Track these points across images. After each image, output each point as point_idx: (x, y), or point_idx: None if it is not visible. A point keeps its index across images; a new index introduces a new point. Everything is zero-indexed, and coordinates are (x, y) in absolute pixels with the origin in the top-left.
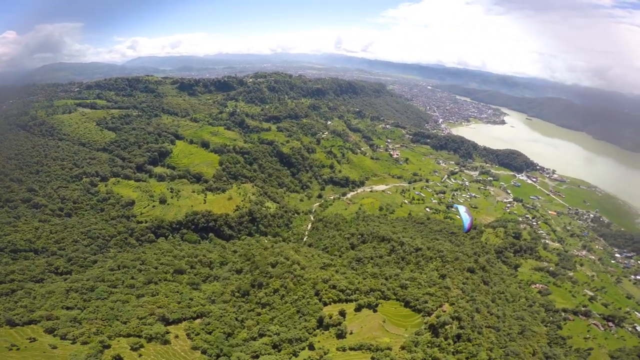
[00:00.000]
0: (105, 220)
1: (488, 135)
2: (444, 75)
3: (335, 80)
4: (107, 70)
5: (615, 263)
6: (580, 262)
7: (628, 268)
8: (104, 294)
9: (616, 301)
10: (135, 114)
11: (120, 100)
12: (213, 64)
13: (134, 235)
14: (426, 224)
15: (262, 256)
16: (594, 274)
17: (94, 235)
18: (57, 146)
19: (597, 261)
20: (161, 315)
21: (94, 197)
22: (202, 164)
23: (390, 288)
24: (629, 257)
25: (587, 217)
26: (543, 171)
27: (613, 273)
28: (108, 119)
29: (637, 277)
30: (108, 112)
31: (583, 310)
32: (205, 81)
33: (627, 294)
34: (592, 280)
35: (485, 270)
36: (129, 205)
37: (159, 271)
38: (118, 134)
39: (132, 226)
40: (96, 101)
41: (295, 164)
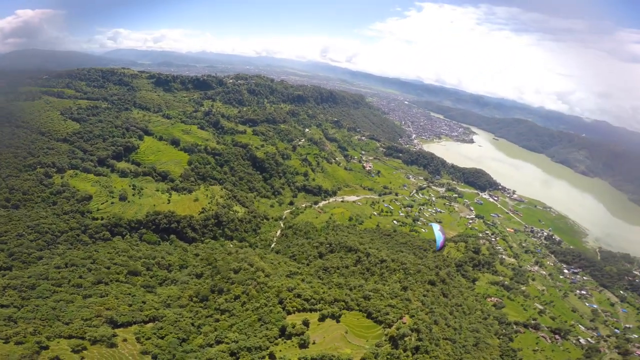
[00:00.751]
0: (57, 214)
1: (457, 153)
2: (422, 91)
3: (317, 88)
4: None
5: (563, 278)
6: (532, 277)
7: (574, 283)
8: (46, 293)
9: (563, 314)
10: (104, 105)
11: (91, 92)
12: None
13: (87, 232)
14: (392, 236)
15: (224, 261)
16: (544, 288)
17: (42, 230)
18: (13, 133)
19: (548, 276)
20: (109, 317)
21: (46, 189)
22: (170, 162)
23: (354, 299)
24: (575, 273)
25: (541, 235)
26: (504, 191)
27: (561, 288)
28: (74, 109)
29: (582, 292)
30: (75, 102)
31: (533, 323)
32: (183, 78)
33: (572, 308)
34: (542, 294)
35: (445, 283)
36: (85, 200)
37: (111, 271)
38: (82, 126)
39: (86, 222)
40: (64, 90)
41: (268, 169)
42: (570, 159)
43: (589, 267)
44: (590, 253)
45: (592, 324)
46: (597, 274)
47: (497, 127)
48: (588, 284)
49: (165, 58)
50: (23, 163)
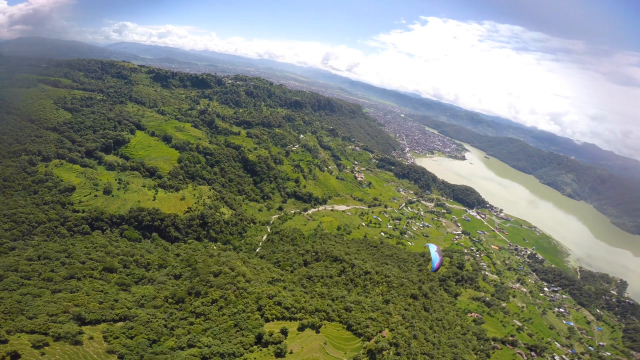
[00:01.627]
0: (37, 204)
1: (448, 170)
2: (419, 105)
3: (314, 94)
4: (85, 51)
5: (543, 296)
6: (513, 294)
7: (553, 301)
8: (13, 285)
9: (540, 332)
10: (99, 97)
11: (88, 83)
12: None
13: (66, 224)
14: (379, 248)
15: (205, 263)
16: (524, 305)
17: (18, 220)
18: (2, 119)
19: (528, 294)
20: (76, 314)
21: (29, 177)
22: (160, 159)
23: (336, 310)
24: (555, 291)
25: (525, 253)
26: (492, 209)
27: (540, 305)
28: (68, 99)
29: (560, 309)
30: (70, 92)
31: (510, 340)
32: (182, 75)
33: (550, 325)
34: (522, 311)
35: (428, 297)
36: (67, 191)
37: (86, 267)
38: (74, 116)
39: (66, 214)
40: (61, 79)
41: (259, 173)
42: (557, 182)
43: (569, 285)
44: (570, 272)
45: (567, 341)
46: (576, 292)
47: (489, 145)
48: (567, 302)
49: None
50: (8, 149)
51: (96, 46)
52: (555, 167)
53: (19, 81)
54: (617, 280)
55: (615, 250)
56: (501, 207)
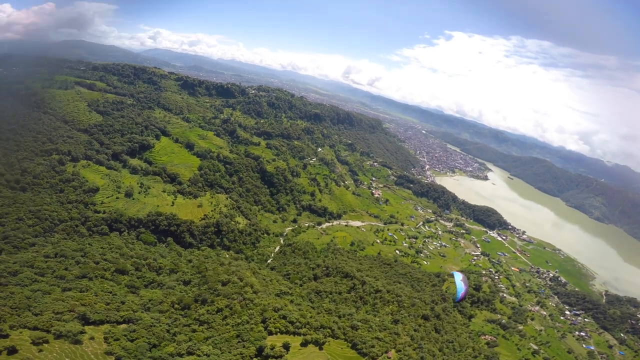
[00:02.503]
0: (61, 202)
1: (469, 189)
2: (441, 121)
3: (334, 108)
4: (121, 56)
5: (563, 319)
6: (531, 317)
7: (574, 325)
8: (26, 281)
9: (557, 355)
10: (130, 102)
11: (120, 87)
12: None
13: (86, 224)
14: (392, 266)
15: (214, 271)
16: (542, 328)
17: (42, 216)
18: (39, 119)
19: (548, 317)
20: (81, 313)
21: (57, 176)
22: (181, 165)
23: (341, 327)
24: (577, 314)
25: (547, 276)
26: (514, 231)
27: (560, 328)
28: (101, 102)
29: (581, 333)
30: (103, 95)
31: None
32: (209, 84)
33: (568, 349)
34: (540, 334)
35: (440, 318)
36: (91, 191)
37: (99, 267)
38: (105, 119)
39: (87, 214)
40: (96, 83)
41: (276, 184)
42: (585, 205)
43: (592, 309)
44: (595, 296)
45: None
46: (600, 316)
47: (513, 165)
48: (588, 326)
49: (197, 62)
50: (41, 148)
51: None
52: (584, 189)
53: (58, 82)
54: None
55: None
56: (524, 229)
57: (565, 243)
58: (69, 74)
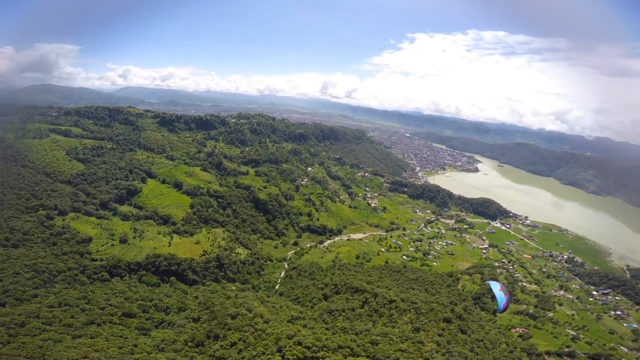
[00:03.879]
0: (56, 254)
1: (463, 183)
2: (422, 122)
3: (317, 125)
4: (93, 97)
5: (593, 300)
6: (559, 302)
7: (606, 304)
8: (35, 331)
9: (600, 338)
10: (109, 146)
11: (97, 130)
12: (200, 101)
13: (85, 272)
14: (402, 272)
15: (222, 306)
16: (573, 312)
17: (39, 269)
18: (19, 173)
19: (576, 300)
20: (96, 359)
21: (47, 231)
22: (172, 206)
23: (361, 344)
24: (605, 294)
25: (561, 258)
26: (516, 218)
27: (592, 310)
28: (79, 149)
29: (617, 312)
30: (81, 141)
31: (567, 351)
32: (187, 118)
33: (609, 330)
34: (573, 319)
35: (463, 318)
36: (85, 242)
37: (105, 312)
38: (87, 167)
39: (85, 263)
40: (71, 129)
41: (271, 211)
42: (579, 180)
43: (620, 286)
44: (618, 272)
45: (635, 344)
46: (630, 292)
47: (500, 153)
48: (622, 304)
49: (172, 97)
50: (26, 205)
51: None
52: (573, 165)
53: (31, 132)
54: None
55: None
56: (525, 214)
57: (570, 222)
58: (42, 121)
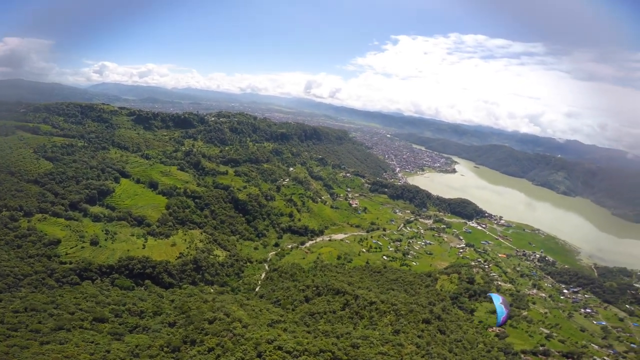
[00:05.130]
0: (21, 257)
1: (441, 184)
2: (403, 123)
3: (300, 125)
4: (67, 94)
5: (564, 299)
6: (532, 301)
7: (577, 302)
8: None
9: (572, 336)
10: (81, 144)
11: (68, 128)
12: (180, 98)
13: (53, 276)
14: (382, 273)
15: (199, 310)
16: (546, 310)
17: (2, 272)
18: None
19: (548, 298)
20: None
21: (11, 233)
22: (147, 207)
23: (342, 348)
24: (575, 292)
25: (534, 257)
26: (491, 218)
27: (564, 308)
28: (48, 147)
29: (587, 310)
30: (50, 139)
31: (541, 350)
32: (164, 116)
33: (580, 327)
34: (546, 317)
35: (441, 319)
36: (52, 244)
37: (75, 317)
38: (56, 166)
39: (53, 266)
40: (40, 126)
41: (251, 212)
42: (550, 181)
43: (589, 284)
44: (586, 270)
45: (604, 341)
46: (598, 290)
47: (476, 154)
48: (591, 302)
49: (150, 93)
50: None
51: (78, 88)
52: (545, 167)
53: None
54: (637, 272)
55: (624, 241)
56: (500, 214)
57: (541, 222)
58: (8, 118)
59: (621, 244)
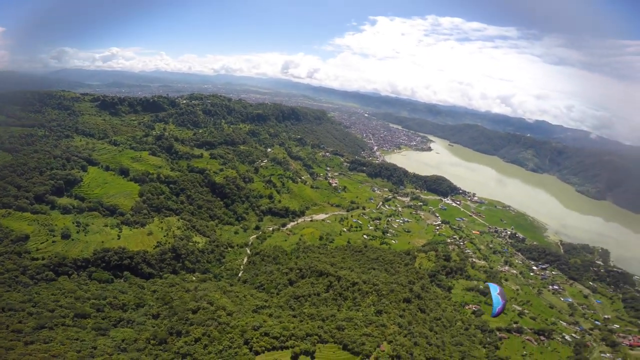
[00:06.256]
0: None
1: (417, 162)
2: (380, 103)
3: (277, 106)
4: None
5: (534, 275)
6: (505, 278)
7: (545, 279)
8: None
9: (542, 313)
10: (41, 133)
11: (25, 117)
12: (148, 81)
13: (27, 273)
14: (364, 252)
15: (181, 300)
16: (518, 287)
17: None
18: None
19: (519, 275)
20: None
21: None
22: (119, 195)
23: (328, 330)
24: (544, 268)
25: (505, 234)
26: (465, 194)
27: (534, 285)
28: (5, 138)
29: (554, 287)
30: (7, 129)
31: (515, 327)
32: (132, 100)
33: (549, 304)
34: (518, 294)
35: (421, 297)
36: (20, 240)
37: (55, 315)
38: (15, 157)
39: (24, 263)
40: None
41: (229, 195)
42: (520, 158)
43: (555, 261)
44: (553, 247)
45: (571, 318)
46: (564, 267)
47: (451, 133)
48: (558, 279)
49: (116, 78)
50: None
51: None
52: (515, 145)
53: None
54: (598, 249)
55: (587, 218)
56: (473, 190)
57: (512, 198)
58: None
59: (584, 220)
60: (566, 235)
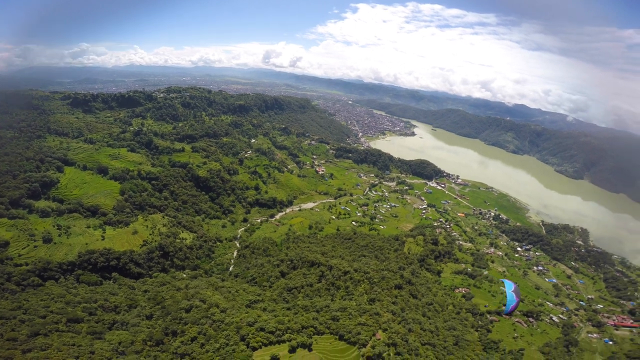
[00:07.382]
0: None
1: (402, 147)
2: (363, 90)
3: (260, 96)
4: None
5: (518, 257)
6: (491, 260)
7: (529, 260)
8: None
9: (529, 294)
10: (10, 135)
11: None
12: (123, 76)
13: (12, 279)
14: (353, 239)
15: (173, 299)
16: (504, 269)
17: None
18: None
19: (505, 256)
20: None
21: None
22: (99, 195)
23: (323, 322)
24: (527, 249)
25: (489, 215)
26: (449, 177)
27: (519, 267)
28: None
29: (539, 267)
30: None
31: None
32: (106, 96)
33: (535, 285)
34: (504, 275)
35: (412, 283)
36: (1, 247)
37: (48, 321)
38: None
39: (8, 270)
40: None
41: (214, 188)
42: (500, 141)
43: (538, 242)
44: (535, 228)
45: (557, 299)
46: (547, 247)
47: (433, 118)
48: (542, 259)
49: (88, 74)
50: None
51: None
52: (495, 128)
53: None
54: (578, 229)
55: (566, 197)
56: (457, 173)
57: (494, 180)
58: None
59: (564, 200)
60: (547, 216)
